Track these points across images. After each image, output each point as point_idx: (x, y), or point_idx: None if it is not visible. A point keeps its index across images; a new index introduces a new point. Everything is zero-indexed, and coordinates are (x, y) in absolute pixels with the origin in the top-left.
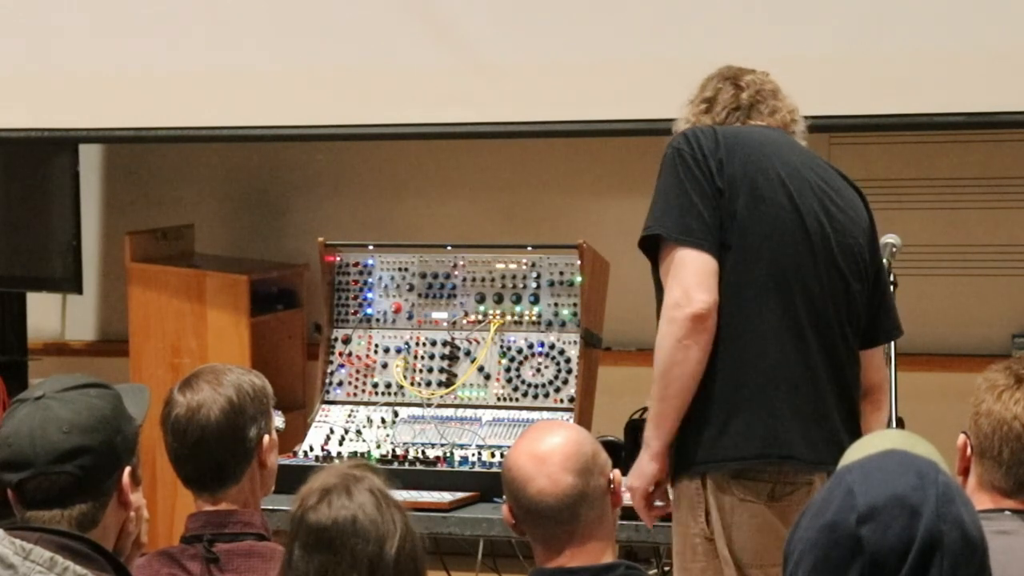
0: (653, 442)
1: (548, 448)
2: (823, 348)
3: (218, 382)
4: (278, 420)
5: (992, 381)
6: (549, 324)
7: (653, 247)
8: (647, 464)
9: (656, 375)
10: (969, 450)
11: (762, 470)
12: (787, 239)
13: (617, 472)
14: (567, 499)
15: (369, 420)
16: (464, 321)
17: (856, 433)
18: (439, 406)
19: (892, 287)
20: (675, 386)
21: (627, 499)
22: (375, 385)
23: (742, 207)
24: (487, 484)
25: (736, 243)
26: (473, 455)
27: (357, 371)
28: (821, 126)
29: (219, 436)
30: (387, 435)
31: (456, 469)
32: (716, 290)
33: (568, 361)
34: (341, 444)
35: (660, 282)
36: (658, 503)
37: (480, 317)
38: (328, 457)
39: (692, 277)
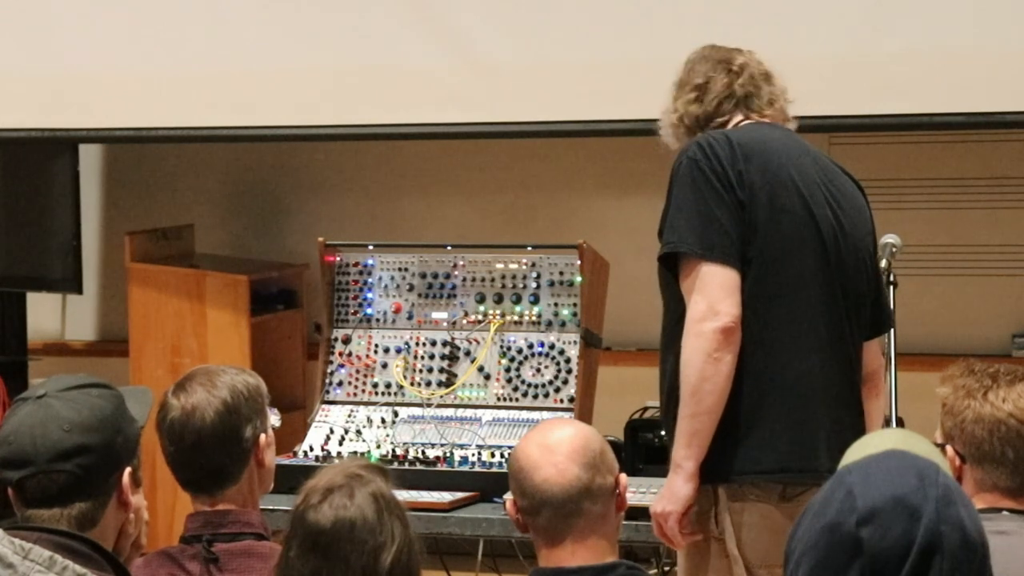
0: (686, 463)
1: (557, 439)
2: (838, 358)
3: (212, 384)
4: (274, 418)
5: (965, 387)
6: (549, 324)
7: (673, 261)
8: (682, 486)
9: (686, 393)
10: (958, 460)
11: None
12: (806, 250)
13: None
14: (572, 489)
15: (369, 420)
16: (464, 321)
17: (861, 432)
18: (439, 406)
19: (892, 287)
20: (707, 401)
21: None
22: (375, 385)
23: (762, 219)
24: (487, 484)
25: (757, 256)
26: (473, 455)
27: (357, 371)
28: (821, 126)
29: (215, 438)
30: (387, 435)
31: (456, 469)
32: (740, 304)
33: (568, 361)
34: (341, 444)
35: (670, 292)
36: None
37: (480, 317)
38: (328, 457)
39: (717, 291)
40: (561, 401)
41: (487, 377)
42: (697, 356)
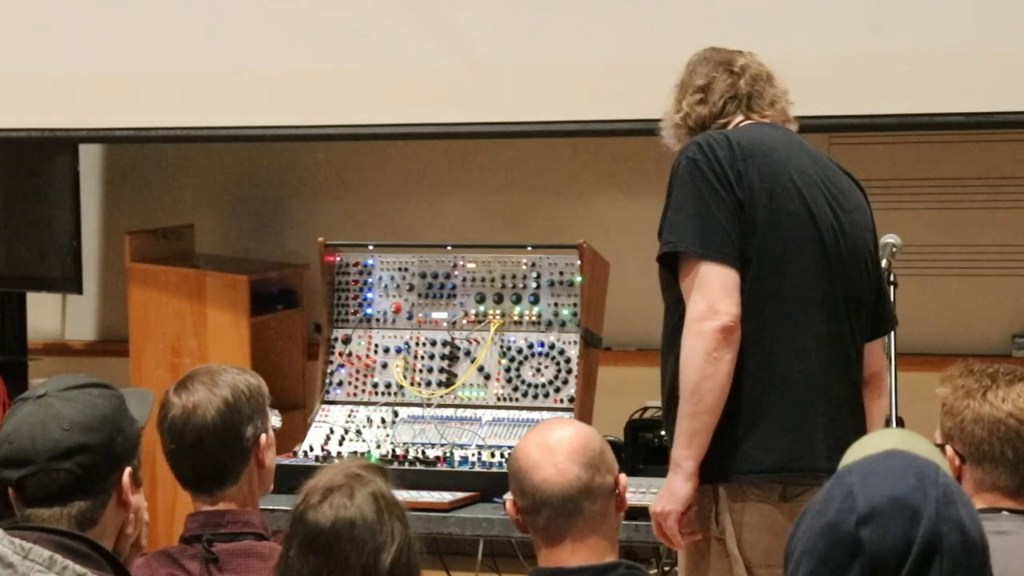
0: (686, 462)
1: (557, 439)
2: (838, 357)
3: (213, 383)
4: (274, 418)
5: (964, 387)
6: (549, 324)
7: (672, 261)
8: (681, 486)
9: (686, 392)
10: (958, 460)
11: None
12: (805, 251)
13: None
14: (571, 489)
15: (369, 420)
16: (464, 321)
17: (861, 432)
18: (439, 406)
19: (892, 287)
20: (707, 400)
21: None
22: (375, 385)
23: (761, 219)
24: (487, 484)
25: (755, 256)
26: (473, 455)
27: (357, 371)
28: (821, 126)
29: (216, 437)
30: (387, 435)
31: (456, 469)
32: (739, 303)
33: (568, 361)
34: (341, 444)
35: (671, 293)
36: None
37: (480, 317)
38: (328, 457)
39: (717, 291)
40: (561, 401)
41: (487, 377)
42: (697, 355)
